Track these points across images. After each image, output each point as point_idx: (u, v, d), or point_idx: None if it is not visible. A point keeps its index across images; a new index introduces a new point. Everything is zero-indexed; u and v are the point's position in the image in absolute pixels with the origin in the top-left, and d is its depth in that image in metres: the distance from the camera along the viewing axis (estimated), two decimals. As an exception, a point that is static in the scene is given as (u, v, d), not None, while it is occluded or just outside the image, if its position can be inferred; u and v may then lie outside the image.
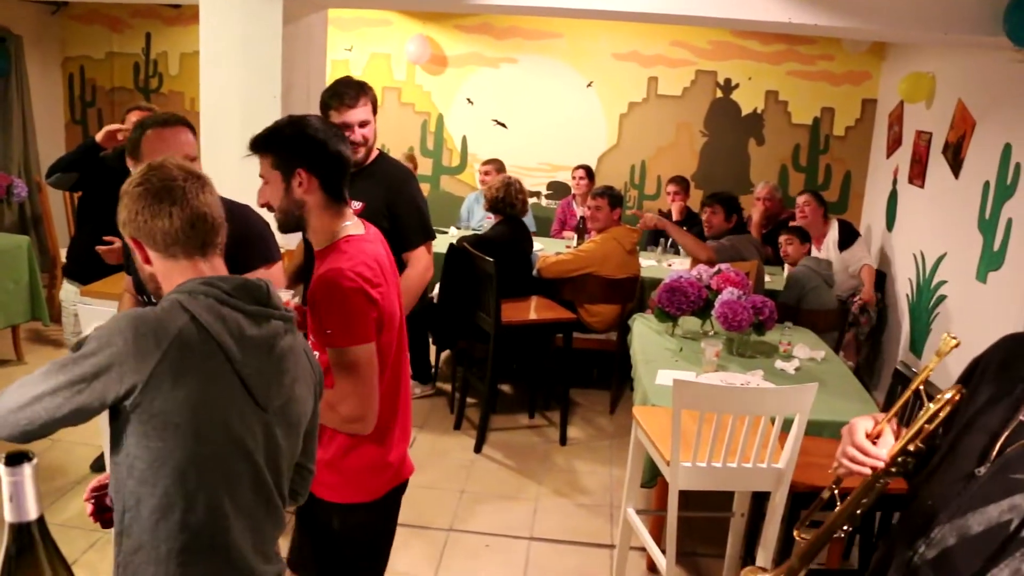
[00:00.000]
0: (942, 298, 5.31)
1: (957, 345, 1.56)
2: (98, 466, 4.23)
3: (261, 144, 2.19)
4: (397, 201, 3.33)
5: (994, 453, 1.47)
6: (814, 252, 6.11)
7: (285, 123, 2.22)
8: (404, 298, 3.20)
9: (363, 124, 3.26)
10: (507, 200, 5.37)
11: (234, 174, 2.54)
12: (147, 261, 1.76)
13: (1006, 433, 1.47)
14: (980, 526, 1.42)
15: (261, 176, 2.20)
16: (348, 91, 3.24)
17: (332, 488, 2.27)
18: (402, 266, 3.33)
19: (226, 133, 4.16)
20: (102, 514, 1.86)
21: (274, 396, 1.73)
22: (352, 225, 2.28)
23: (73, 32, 8.22)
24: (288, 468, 1.83)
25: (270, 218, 2.32)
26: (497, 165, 7.12)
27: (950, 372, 1.91)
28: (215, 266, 1.77)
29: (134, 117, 4.00)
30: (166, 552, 1.63)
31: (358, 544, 2.36)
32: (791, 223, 6.30)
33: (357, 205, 3.27)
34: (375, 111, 3.33)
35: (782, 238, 6.03)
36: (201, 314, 1.62)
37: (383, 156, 3.45)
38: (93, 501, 1.87)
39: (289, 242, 2.42)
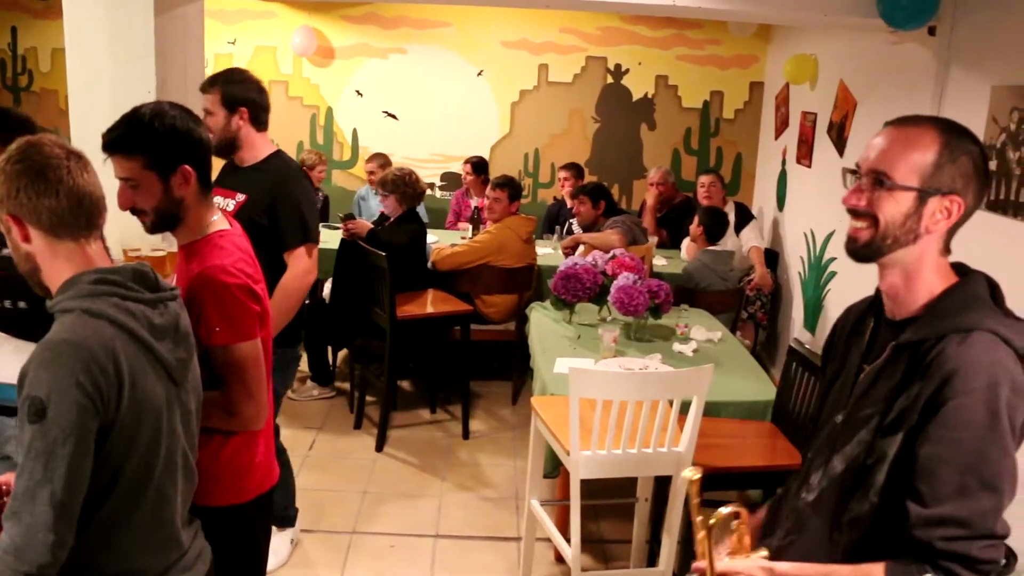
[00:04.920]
0: (832, 274, 5.43)
1: (695, 479, 1.56)
2: None
3: (129, 144, 1.99)
4: (278, 199, 3.21)
5: (849, 399, 1.61)
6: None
7: (147, 117, 2.00)
8: (283, 301, 3.07)
9: (205, 113, 3.12)
10: (408, 183, 5.17)
11: (107, 175, 2.36)
12: (26, 239, 1.70)
13: (858, 380, 1.61)
14: (842, 465, 1.59)
15: (125, 179, 2.01)
16: (209, 78, 3.22)
17: (202, 492, 2.15)
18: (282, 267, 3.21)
19: (97, 132, 3.91)
20: None
21: (186, 371, 1.81)
22: (219, 219, 2.18)
23: (-75, 26, 7.71)
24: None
25: (133, 221, 2.13)
26: (382, 160, 6.94)
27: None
28: (99, 249, 1.75)
29: None
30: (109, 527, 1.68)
31: (229, 548, 2.23)
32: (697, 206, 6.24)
33: (241, 197, 3.15)
34: (231, 109, 3.17)
35: (686, 241, 5.74)
36: (116, 316, 1.63)
37: (279, 154, 3.32)
38: None
39: (172, 243, 2.26)
